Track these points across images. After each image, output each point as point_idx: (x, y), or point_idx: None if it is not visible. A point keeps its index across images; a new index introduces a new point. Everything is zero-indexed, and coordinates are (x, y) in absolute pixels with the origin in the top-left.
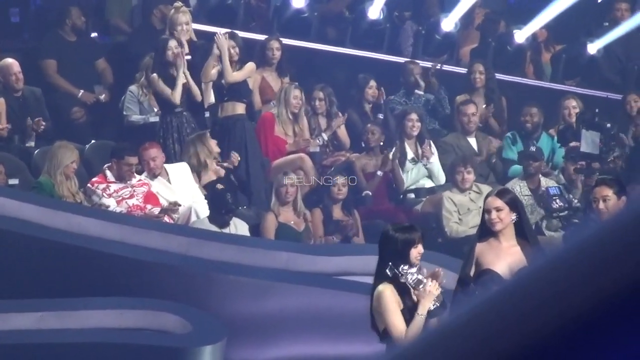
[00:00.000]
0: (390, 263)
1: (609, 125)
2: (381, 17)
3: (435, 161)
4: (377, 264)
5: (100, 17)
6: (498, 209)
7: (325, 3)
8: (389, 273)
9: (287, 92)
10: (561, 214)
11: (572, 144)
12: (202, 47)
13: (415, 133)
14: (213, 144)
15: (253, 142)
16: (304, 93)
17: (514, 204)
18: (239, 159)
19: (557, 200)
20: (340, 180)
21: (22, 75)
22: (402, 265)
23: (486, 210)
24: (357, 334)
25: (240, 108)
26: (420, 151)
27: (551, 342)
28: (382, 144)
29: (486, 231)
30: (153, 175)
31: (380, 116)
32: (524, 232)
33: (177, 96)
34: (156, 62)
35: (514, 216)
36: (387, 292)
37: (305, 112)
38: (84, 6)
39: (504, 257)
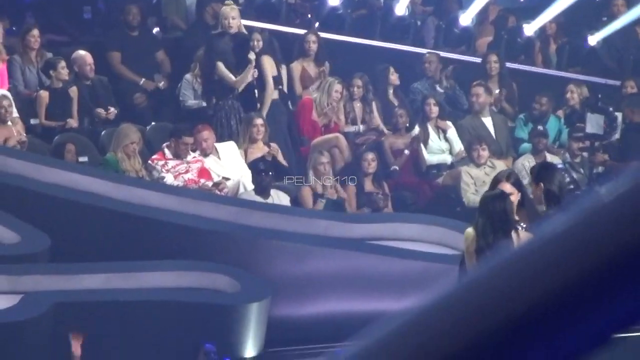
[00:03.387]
0: None
1: (611, 108)
2: (407, 13)
3: (452, 133)
4: None
5: (159, 15)
6: (510, 194)
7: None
8: None
9: (330, 86)
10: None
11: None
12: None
13: (434, 115)
14: (260, 124)
15: (291, 123)
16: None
17: (519, 185)
18: (278, 150)
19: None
20: (370, 155)
21: (94, 65)
22: None
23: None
24: (387, 292)
25: (275, 94)
26: (439, 130)
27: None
28: (407, 125)
29: None
30: (205, 154)
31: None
32: (524, 208)
33: (240, 83)
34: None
35: (519, 196)
36: None
37: (343, 98)
38: (144, 5)
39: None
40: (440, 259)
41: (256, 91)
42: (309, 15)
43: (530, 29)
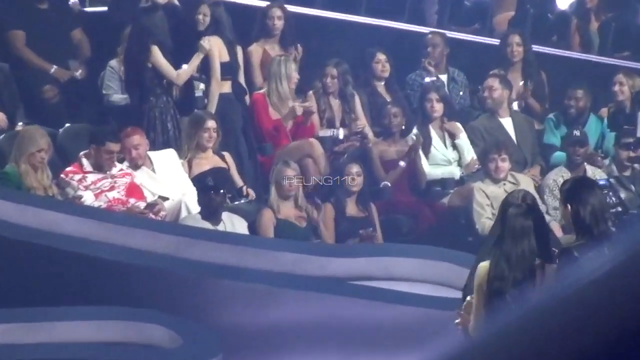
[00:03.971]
0: None
1: None
2: None
3: (463, 139)
4: None
5: None
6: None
7: None
8: None
9: (286, 66)
10: (611, 210)
11: (626, 127)
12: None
13: (437, 115)
14: (212, 126)
15: (246, 125)
16: (312, 70)
17: (535, 210)
18: (232, 161)
19: (606, 195)
20: (354, 168)
21: None
22: None
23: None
24: (376, 348)
25: (225, 86)
26: (445, 133)
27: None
28: (403, 128)
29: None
30: (136, 165)
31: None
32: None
33: (183, 77)
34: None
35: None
36: None
37: (315, 91)
38: None
39: None
40: (445, 304)
41: (201, 84)
42: None
43: (564, 1)
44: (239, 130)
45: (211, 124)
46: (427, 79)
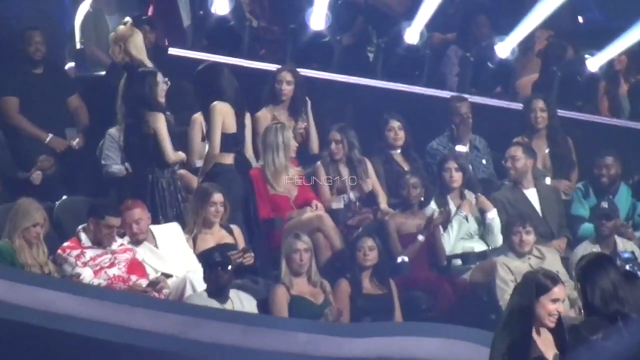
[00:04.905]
0: None
1: None
2: (420, 41)
3: (495, 217)
4: None
5: (72, 46)
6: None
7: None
8: None
9: (283, 135)
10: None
11: None
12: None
13: (456, 185)
14: (220, 200)
15: (249, 199)
16: (321, 135)
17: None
18: (242, 236)
19: (630, 268)
20: (368, 242)
21: None
22: None
23: (554, 300)
24: None
25: (227, 158)
26: (466, 202)
27: None
28: (422, 199)
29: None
30: (138, 240)
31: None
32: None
33: (174, 160)
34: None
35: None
36: None
37: (322, 160)
38: (51, 31)
39: (549, 344)
40: None
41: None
42: (282, 44)
43: (593, 63)
44: (242, 203)
45: (218, 197)
46: (459, 148)
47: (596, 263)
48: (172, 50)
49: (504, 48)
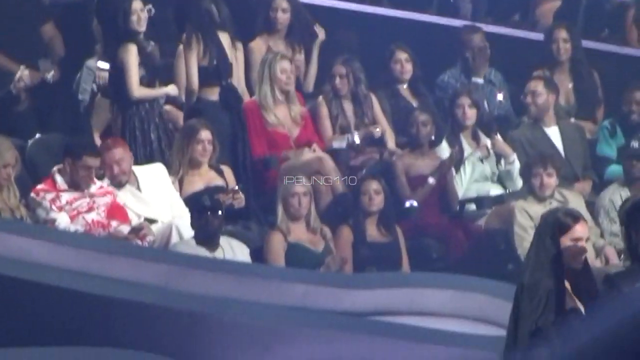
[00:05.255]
0: None
1: None
2: None
3: (515, 162)
4: None
5: None
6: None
7: None
8: None
9: (271, 67)
10: None
11: None
12: None
13: (470, 122)
14: (207, 138)
15: (243, 136)
16: (322, 68)
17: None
18: (233, 177)
19: None
20: (374, 185)
21: None
22: None
23: (576, 239)
24: None
25: (211, 92)
26: (483, 145)
27: None
28: (433, 138)
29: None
30: (119, 183)
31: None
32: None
33: (137, 95)
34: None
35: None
36: None
37: (325, 95)
38: None
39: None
40: (482, 343)
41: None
42: None
43: None
44: (232, 142)
45: (205, 135)
46: (475, 79)
47: None
48: None
49: None
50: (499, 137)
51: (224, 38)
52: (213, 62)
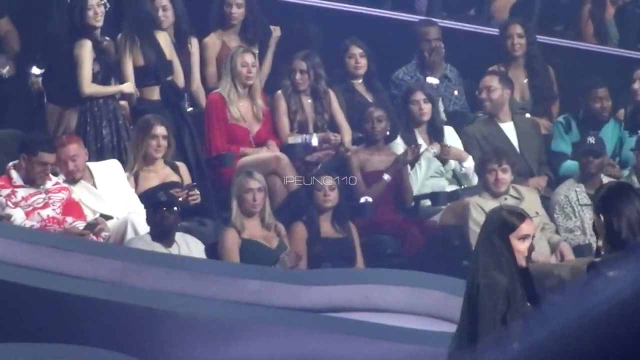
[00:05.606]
0: None
1: None
2: None
3: (471, 165)
4: None
5: None
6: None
7: None
8: None
9: (232, 60)
10: None
11: None
12: None
13: (425, 118)
14: (162, 133)
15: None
16: (276, 64)
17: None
18: (188, 173)
19: None
20: (328, 181)
21: None
22: None
23: (523, 237)
24: None
25: (151, 92)
26: (437, 146)
27: None
28: (388, 134)
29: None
30: (74, 179)
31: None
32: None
33: (88, 93)
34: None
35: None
36: None
37: (284, 90)
38: None
39: None
40: (436, 339)
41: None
42: None
43: None
44: (178, 141)
45: (160, 130)
46: (430, 80)
47: (619, 191)
48: None
49: None
50: (452, 147)
51: (162, 37)
52: (151, 63)
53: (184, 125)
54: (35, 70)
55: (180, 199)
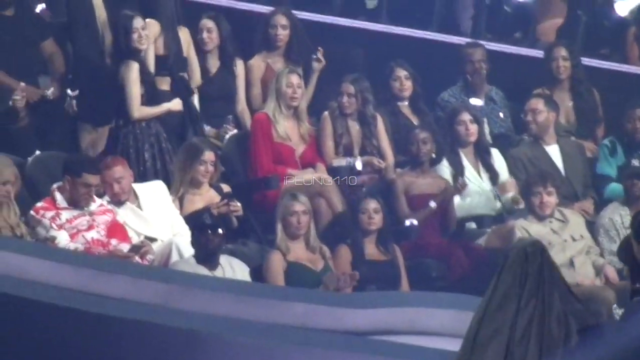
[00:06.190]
0: None
1: None
2: None
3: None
4: None
5: None
6: None
7: None
8: None
9: (278, 81)
10: None
11: None
12: None
13: (472, 139)
14: (210, 159)
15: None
16: (327, 87)
17: None
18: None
19: None
20: (372, 205)
21: None
22: None
23: None
24: None
25: (162, 82)
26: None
27: None
28: (433, 156)
29: None
30: (119, 201)
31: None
32: None
33: (138, 116)
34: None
35: None
36: None
37: (331, 112)
38: None
39: None
40: None
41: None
42: None
43: (622, 6)
44: (180, 129)
45: (209, 156)
46: (474, 101)
47: None
48: None
49: None
50: (509, 179)
51: (184, 34)
52: (169, 54)
53: (190, 118)
54: (71, 92)
55: (222, 212)
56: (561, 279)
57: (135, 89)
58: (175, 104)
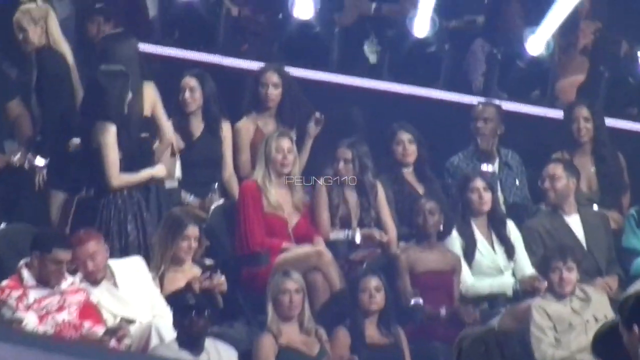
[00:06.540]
0: None
1: None
2: (432, 33)
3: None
4: None
5: (5, 37)
6: None
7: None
8: None
9: (267, 145)
10: None
11: None
12: None
13: (486, 208)
14: (194, 235)
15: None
16: (323, 152)
17: None
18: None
19: None
20: (373, 282)
21: None
22: None
23: None
24: None
25: (159, 170)
26: (492, 233)
27: None
28: (441, 229)
29: None
30: (93, 279)
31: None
32: None
33: (117, 184)
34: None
35: None
36: None
37: (326, 180)
38: None
39: None
40: None
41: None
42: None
43: None
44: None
45: (192, 231)
46: (485, 167)
47: None
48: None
49: (536, 42)
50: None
51: (148, 90)
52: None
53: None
54: (39, 162)
55: (204, 287)
56: None
57: (112, 154)
58: (159, 170)
